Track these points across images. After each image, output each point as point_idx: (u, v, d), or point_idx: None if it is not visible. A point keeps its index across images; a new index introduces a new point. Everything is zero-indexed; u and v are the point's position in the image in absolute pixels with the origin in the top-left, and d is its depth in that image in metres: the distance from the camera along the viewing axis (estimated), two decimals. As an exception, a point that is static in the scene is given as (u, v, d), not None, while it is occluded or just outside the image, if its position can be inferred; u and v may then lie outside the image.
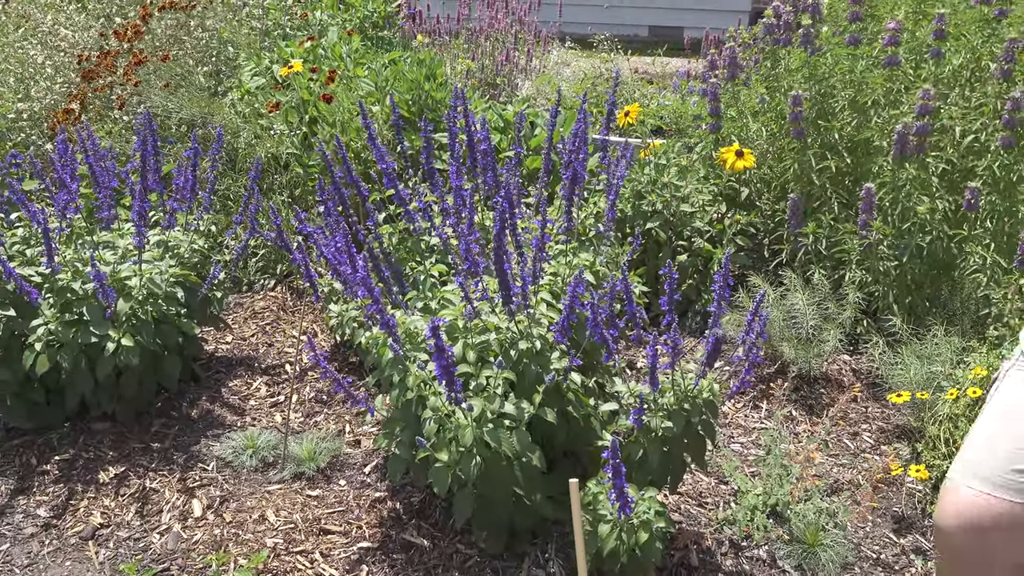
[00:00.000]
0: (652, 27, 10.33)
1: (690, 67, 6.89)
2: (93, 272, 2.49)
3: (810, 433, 2.81)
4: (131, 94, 4.02)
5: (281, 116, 3.86)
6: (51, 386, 2.78)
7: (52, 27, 4.65)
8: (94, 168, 2.84)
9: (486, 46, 5.54)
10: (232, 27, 4.70)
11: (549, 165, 2.96)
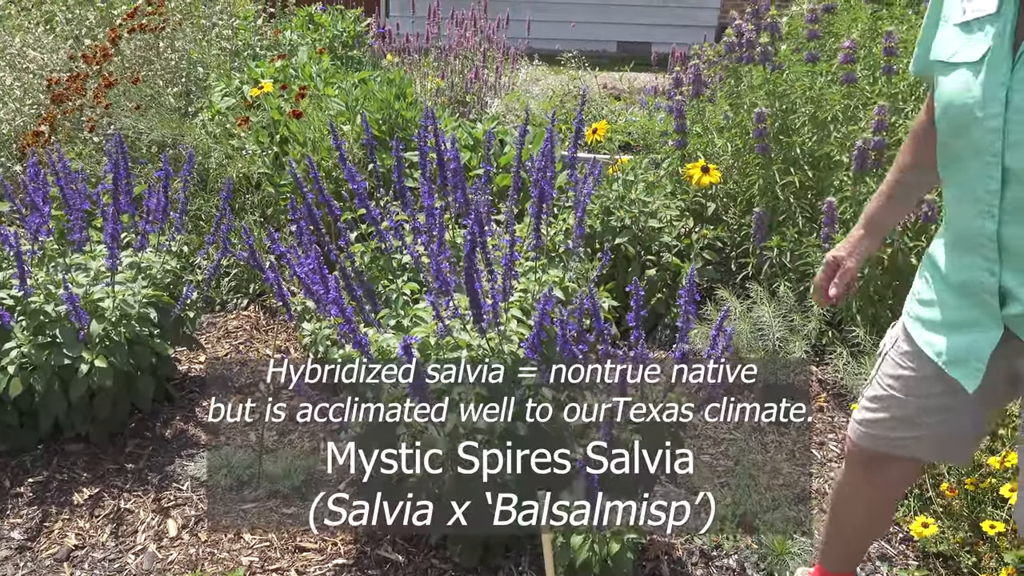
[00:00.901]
0: (621, 43, 10.45)
1: (657, 82, 6.99)
2: (66, 295, 2.50)
3: (778, 444, 2.87)
4: (101, 116, 4.03)
5: (252, 136, 3.88)
6: (24, 408, 2.78)
7: (21, 49, 4.65)
8: (65, 191, 2.86)
9: (455, 64, 5.60)
10: (202, 47, 4.72)
11: (519, 183, 3.01)
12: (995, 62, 1.33)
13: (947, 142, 1.46)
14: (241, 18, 5.22)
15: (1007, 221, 1.38)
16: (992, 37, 1.34)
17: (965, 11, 1.40)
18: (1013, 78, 1.31)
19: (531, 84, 6.88)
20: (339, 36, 5.40)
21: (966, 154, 1.40)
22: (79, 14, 4.94)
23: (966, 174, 1.42)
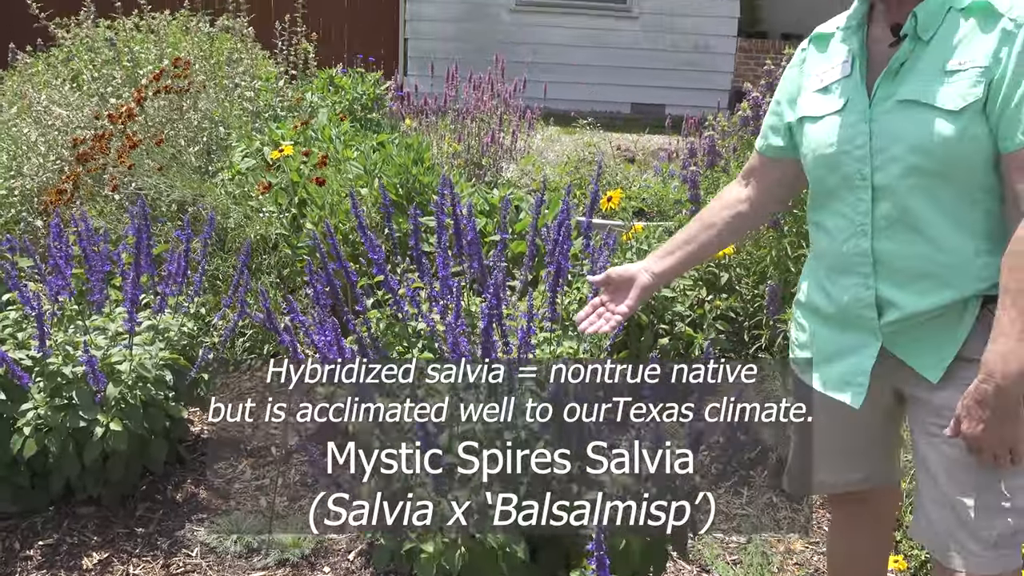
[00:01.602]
0: (635, 104, 10.58)
1: (671, 146, 7.06)
2: (85, 357, 2.53)
3: (791, 520, 2.85)
4: (124, 174, 4.09)
5: (271, 198, 3.94)
6: (37, 469, 2.79)
7: (46, 106, 4.74)
8: (88, 253, 2.90)
9: (472, 127, 5.67)
10: (224, 108, 4.80)
11: (534, 250, 3.05)
12: (855, 106, 1.62)
13: (822, 179, 1.69)
14: (263, 79, 5.32)
15: (878, 236, 1.61)
16: (849, 90, 1.64)
17: (822, 79, 1.70)
18: (872, 113, 1.59)
19: (546, 148, 6.97)
20: (359, 98, 5.50)
21: (840, 185, 1.65)
22: (106, 73, 5.04)
23: (841, 203, 1.65)
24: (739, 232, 1.93)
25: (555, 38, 10.44)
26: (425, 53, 10.13)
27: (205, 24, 5.62)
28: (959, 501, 1.60)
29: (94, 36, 5.43)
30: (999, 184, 1.54)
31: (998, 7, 1.50)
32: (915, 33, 1.56)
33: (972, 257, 1.56)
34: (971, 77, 1.49)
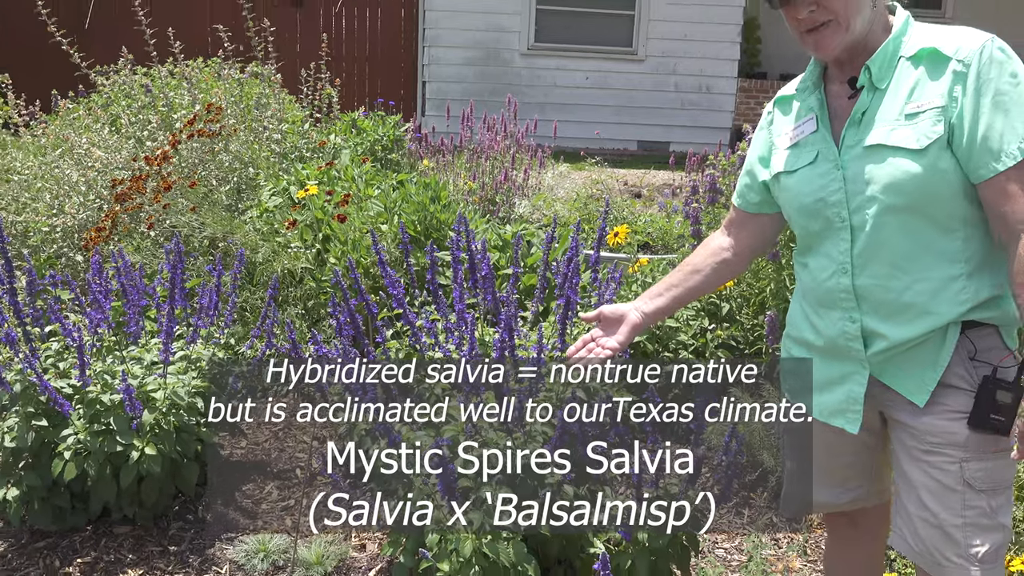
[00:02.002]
0: (640, 142, 10.65)
1: (675, 182, 7.11)
2: (123, 386, 2.58)
3: (790, 540, 2.86)
4: (159, 213, 4.17)
5: (297, 234, 4.00)
6: (76, 491, 2.83)
7: (87, 149, 4.84)
8: (125, 287, 2.96)
9: (486, 166, 5.74)
10: (253, 150, 4.89)
11: (545, 283, 3.09)
12: (826, 156, 1.68)
13: (805, 226, 1.74)
14: (290, 123, 5.41)
15: (858, 273, 1.66)
16: (818, 143, 1.70)
17: (791, 137, 1.76)
18: (843, 161, 1.65)
19: (557, 185, 7.02)
20: (380, 140, 5.58)
21: (822, 229, 1.69)
22: (142, 117, 5.14)
23: (824, 245, 1.70)
24: (724, 277, 1.97)
25: (565, 80, 10.55)
26: (442, 95, 10.25)
27: (236, 71, 5.72)
28: (948, 520, 1.64)
29: (131, 83, 5.54)
30: (969, 211, 1.59)
31: (944, 51, 1.57)
32: (871, 84, 1.63)
33: (949, 283, 1.60)
34: (930, 117, 1.55)
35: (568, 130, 9.74)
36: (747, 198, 1.89)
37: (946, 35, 1.59)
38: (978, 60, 1.53)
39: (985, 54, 1.53)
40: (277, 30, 6.49)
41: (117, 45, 6.00)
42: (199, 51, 6.63)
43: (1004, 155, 1.51)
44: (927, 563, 1.70)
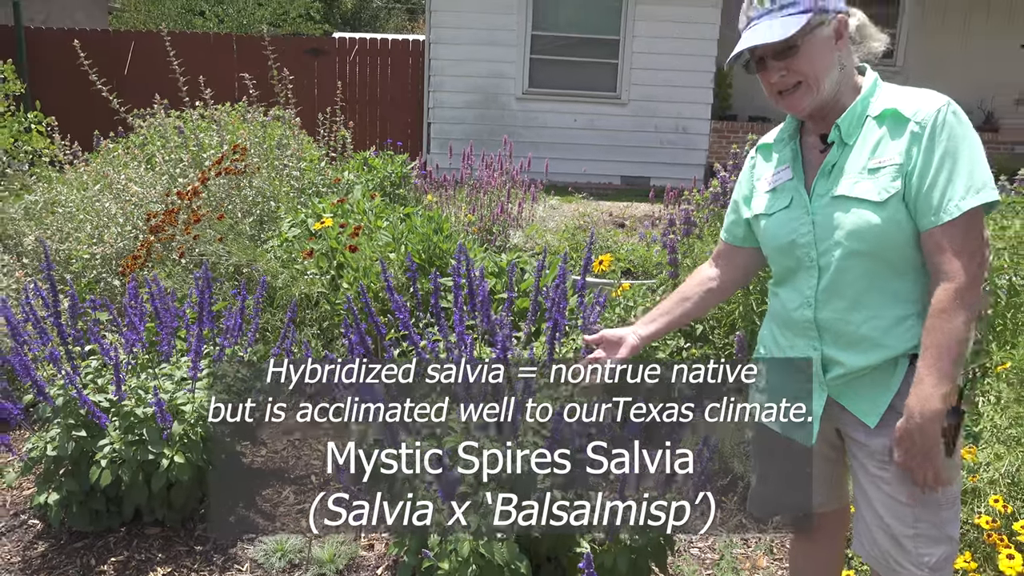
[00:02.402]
0: (624, 177, 10.70)
1: (655, 213, 7.15)
2: (154, 400, 2.59)
3: (758, 540, 2.86)
4: (189, 242, 4.18)
5: (313, 262, 4.02)
6: (111, 495, 2.83)
7: (125, 184, 4.86)
8: (159, 310, 2.97)
9: (484, 199, 5.77)
10: (274, 185, 4.91)
11: (536, 306, 3.09)
12: (798, 202, 1.71)
13: (779, 262, 1.78)
14: (307, 161, 5.44)
15: (821, 308, 1.69)
16: (792, 190, 1.73)
17: (770, 182, 1.79)
18: (813, 208, 1.68)
19: (548, 217, 7.06)
20: (389, 176, 5.61)
21: (794, 266, 1.73)
22: (175, 156, 5.16)
23: (795, 280, 1.74)
24: (710, 304, 1.99)
25: (556, 121, 10.61)
26: (445, 135, 10.31)
27: (259, 114, 5.76)
28: (901, 531, 1.66)
29: (165, 125, 5.57)
30: (919, 258, 1.61)
31: (904, 113, 1.59)
32: (840, 140, 1.66)
33: (901, 320, 1.63)
34: (890, 173, 1.58)
35: (559, 167, 9.79)
36: (733, 232, 1.92)
37: (907, 97, 1.62)
38: (932, 123, 1.55)
39: (939, 118, 1.56)
40: (297, 77, 6.54)
41: (152, 91, 6.04)
42: (227, 96, 6.67)
43: (943, 211, 1.54)
44: (883, 568, 1.71)
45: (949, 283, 1.53)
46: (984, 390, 2.89)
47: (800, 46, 1.61)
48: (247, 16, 20.80)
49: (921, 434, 1.55)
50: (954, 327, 1.52)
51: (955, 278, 1.53)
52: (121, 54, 10.94)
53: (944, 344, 1.52)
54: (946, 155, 1.54)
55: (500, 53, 10.44)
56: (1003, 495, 2.38)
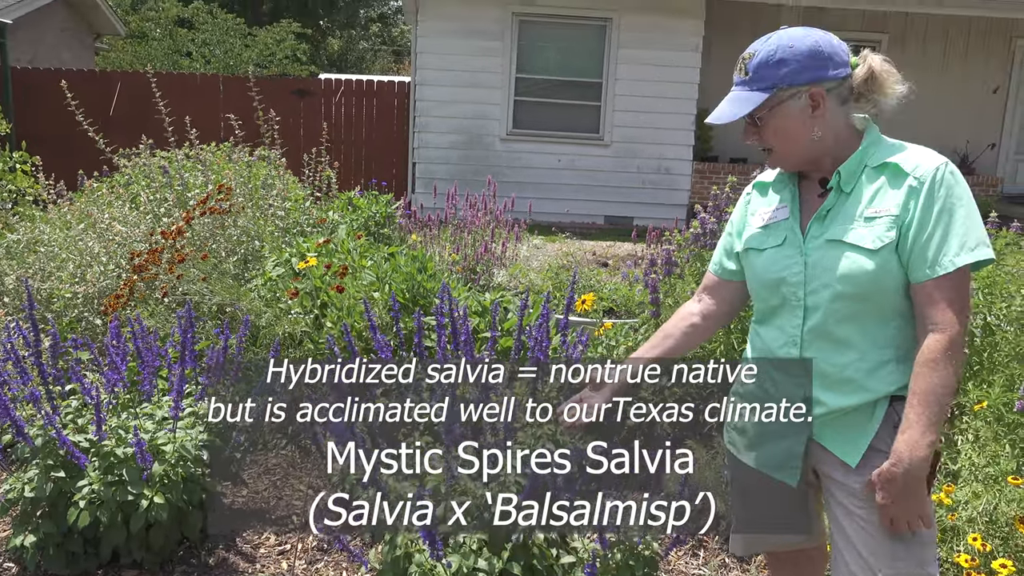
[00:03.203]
0: (607, 217, 10.81)
1: (638, 253, 7.21)
2: (135, 440, 2.57)
3: (740, 571, 2.86)
4: (172, 282, 4.18)
5: (297, 301, 4.02)
6: (88, 537, 2.79)
7: (108, 223, 4.86)
8: (141, 350, 2.96)
9: (468, 239, 5.81)
10: (259, 225, 4.93)
11: (519, 345, 3.11)
12: (792, 241, 1.75)
13: (765, 299, 1.80)
14: (293, 201, 5.47)
15: (806, 347, 1.72)
16: (786, 229, 1.76)
17: (764, 219, 1.82)
18: (806, 249, 1.72)
19: (531, 256, 7.10)
20: (373, 216, 5.64)
21: (780, 304, 1.76)
22: (159, 196, 5.18)
23: (779, 318, 1.77)
24: (694, 341, 2.00)
25: (539, 162, 10.73)
26: (430, 175, 10.40)
27: (245, 154, 5.80)
28: (882, 569, 1.68)
29: (151, 165, 5.59)
30: (905, 306, 1.66)
31: (904, 167, 1.66)
32: (839, 187, 1.71)
33: (883, 364, 1.67)
34: (885, 223, 1.63)
35: (542, 207, 9.88)
36: (723, 265, 1.95)
37: (907, 153, 1.69)
38: (931, 179, 1.62)
39: (938, 175, 1.62)
40: (283, 117, 6.61)
41: (138, 131, 6.09)
42: (213, 136, 6.72)
43: (938, 265, 1.59)
44: None
45: (940, 334, 1.58)
46: (962, 428, 2.93)
47: (766, 118, 1.70)
48: (234, 57, 21.00)
49: (907, 478, 1.59)
50: (943, 376, 1.57)
51: (946, 329, 1.58)
52: (107, 94, 11.00)
53: (933, 392, 1.57)
54: (943, 211, 1.60)
55: (485, 95, 10.59)
56: (981, 533, 2.40)
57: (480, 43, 10.46)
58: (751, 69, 1.70)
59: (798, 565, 2.04)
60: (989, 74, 11.82)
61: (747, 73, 1.70)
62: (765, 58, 1.69)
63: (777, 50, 1.68)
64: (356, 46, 30.57)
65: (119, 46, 21.62)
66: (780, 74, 1.67)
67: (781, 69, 1.67)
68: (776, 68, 1.67)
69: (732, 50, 7.90)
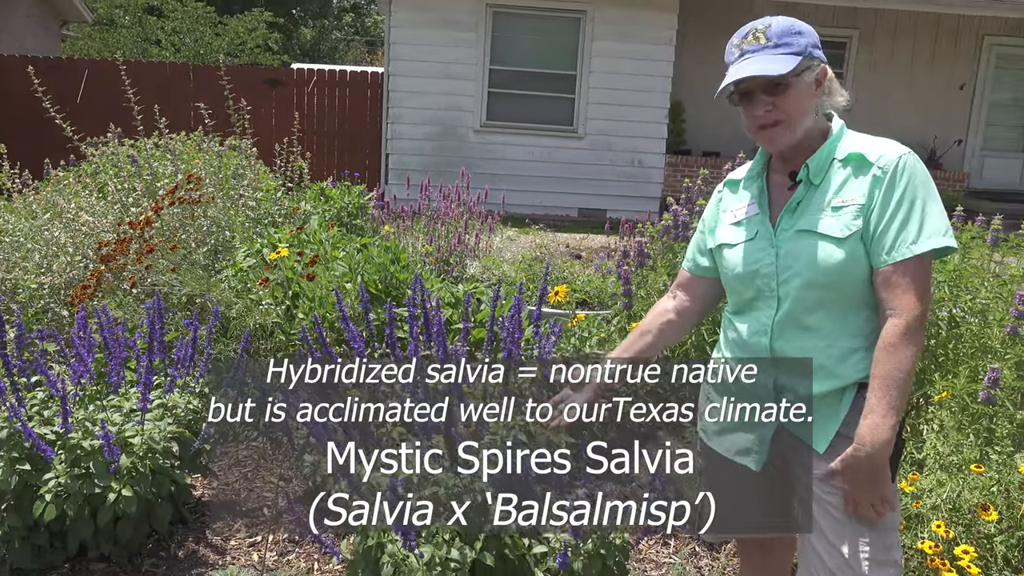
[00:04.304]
0: (581, 209, 10.83)
1: (611, 245, 7.24)
2: (102, 433, 2.54)
3: (711, 567, 2.88)
4: (141, 272, 4.13)
5: (268, 292, 3.99)
6: (55, 531, 2.75)
7: (75, 213, 4.78)
8: (109, 342, 2.92)
9: (441, 231, 5.80)
10: (229, 215, 4.88)
11: (492, 336, 3.12)
12: (764, 235, 1.78)
13: (739, 291, 1.83)
14: (264, 191, 5.42)
15: (776, 336, 1.75)
16: (757, 223, 1.80)
17: (735, 215, 1.85)
18: (777, 240, 1.75)
19: (505, 248, 7.10)
20: (346, 207, 5.61)
21: (754, 296, 1.79)
22: (127, 186, 5.10)
23: (753, 309, 1.80)
24: (670, 337, 2.02)
25: (513, 154, 10.72)
26: (403, 167, 10.34)
27: (215, 144, 5.73)
28: (850, 555, 1.70)
29: (119, 154, 5.51)
30: (872, 296, 1.70)
31: (868, 157, 1.69)
32: (808, 179, 1.74)
33: (851, 353, 1.71)
34: (852, 212, 1.68)
35: (516, 199, 9.87)
36: (697, 262, 1.98)
37: (871, 144, 1.72)
38: (894, 168, 1.66)
39: (900, 165, 1.66)
40: (254, 107, 6.54)
41: (106, 120, 5.99)
42: (183, 126, 6.63)
43: (895, 251, 1.63)
44: None
45: (899, 319, 1.62)
46: (927, 418, 2.98)
47: (790, 85, 1.69)
48: (204, 46, 20.71)
49: (869, 462, 1.61)
50: (902, 360, 1.60)
51: (904, 314, 1.61)
52: (74, 82, 10.80)
53: (892, 376, 1.60)
54: (904, 199, 1.64)
55: (458, 86, 10.55)
56: (945, 520, 2.45)
57: (454, 34, 10.41)
58: (775, 35, 1.69)
59: (767, 551, 2.07)
60: (957, 71, 11.99)
61: (769, 39, 1.69)
62: (788, 26, 1.70)
63: (792, 23, 1.71)
64: (329, 36, 30.31)
65: (86, 33, 21.24)
66: (803, 43, 1.69)
67: (803, 39, 1.70)
68: (799, 37, 1.69)
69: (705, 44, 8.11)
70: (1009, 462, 2.55)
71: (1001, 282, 3.34)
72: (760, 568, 2.11)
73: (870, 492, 1.64)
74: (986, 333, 3.16)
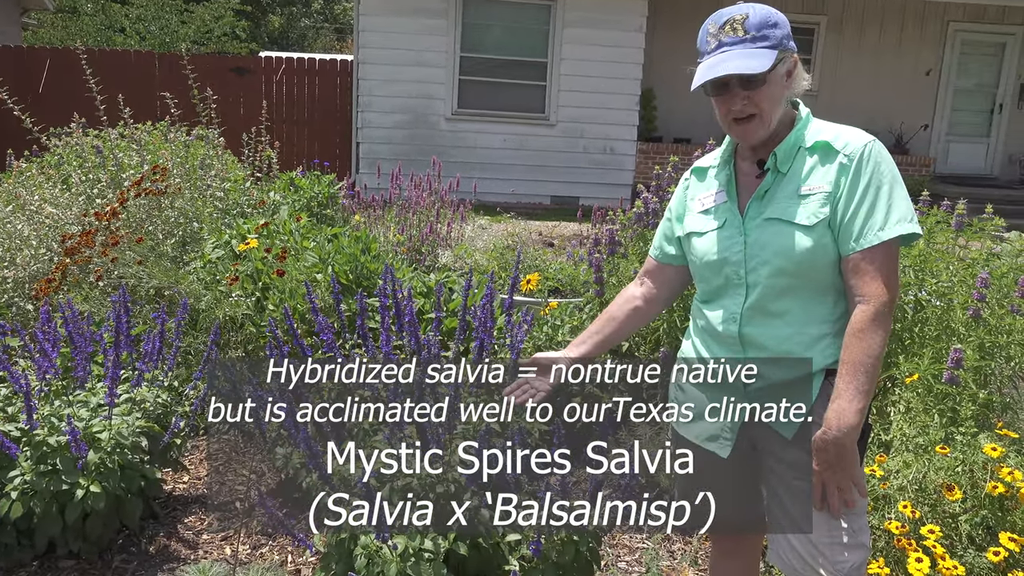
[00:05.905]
0: (553, 196, 10.83)
1: (583, 232, 7.25)
2: (68, 428, 2.50)
3: (683, 551, 2.91)
4: (107, 265, 4.07)
5: (238, 284, 3.95)
6: (22, 528, 2.71)
7: (39, 205, 4.70)
8: (74, 336, 2.88)
9: (413, 220, 5.77)
10: (197, 206, 4.82)
11: (464, 325, 3.11)
12: (732, 223, 1.78)
13: (708, 279, 1.83)
14: (232, 181, 5.35)
15: (746, 323, 1.76)
16: (726, 212, 1.80)
17: (703, 203, 1.85)
18: (745, 228, 1.75)
19: (477, 236, 7.08)
20: (316, 197, 5.55)
21: (722, 284, 1.79)
22: (92, 177, 5.02)
23: (722, 297, 1.80)
24: (637, 323, 2.02)
25: (485, 142, 10.69)
26: (374, 155, 10.27)
27: (182, 134, 5.64)
28: (818, 539, 1.73)
29: (83, 144, 5.41)
30: (839, 282, 1.71)
31: (834, 145, 1.71)
32: (776, 167, 1.75)
33: (820, 339, 1.72)
34: (819, 200, 1.69)
35: (488, 187, 9.84)
36: (663, 250, 1.98)
37: (837, 131, 1.73)
38: (860, 156, 1.67)
39: (866, 152, 1.67)
40: (221, 96, 6.44)
41: (70, 109, 5.87)
42: (148, 115, 6.52)
43: (863, 238, 1.65)
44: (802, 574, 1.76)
45: (867, 305, 1.63)
46: (894, 400, 3.02)
47: (766, 80, 1.68)
48: (170, 34, 20.36)
49: (837, 445, 1.63)
50: (870, 345, 1.62)
51: (871, 300, 1.63)
52: (36, 71, 10.58)
53: (860, 361, 1.62)
54: (870, 186, 1.65)
55: (429, 74, 10.48)
56: (911, 501, 2.49)
57: (424, 21, 10.33)
58: (752, 28, 1.66)
59: (738, 539, 2.09)
60: (923, 57, 12.12)
61: (746, 32, 1.66)
62: (765, 17, 1.68)
63: (769, 13, 1.69)
64: (297, 23, 29.94)
65: (48, 21, 20.78)
66: (779, 35, 1.68)
67: (778, 31, 1.68)
68: (775, 29, 1.68)
69: (676, 31, 8.13)
70: (973, 442, 2.59)
71: (965, 266, 3.39)
72: (731, 552, 2.14)
73: (838, 474, 1.66)
74: (950, 316, 3.21)
